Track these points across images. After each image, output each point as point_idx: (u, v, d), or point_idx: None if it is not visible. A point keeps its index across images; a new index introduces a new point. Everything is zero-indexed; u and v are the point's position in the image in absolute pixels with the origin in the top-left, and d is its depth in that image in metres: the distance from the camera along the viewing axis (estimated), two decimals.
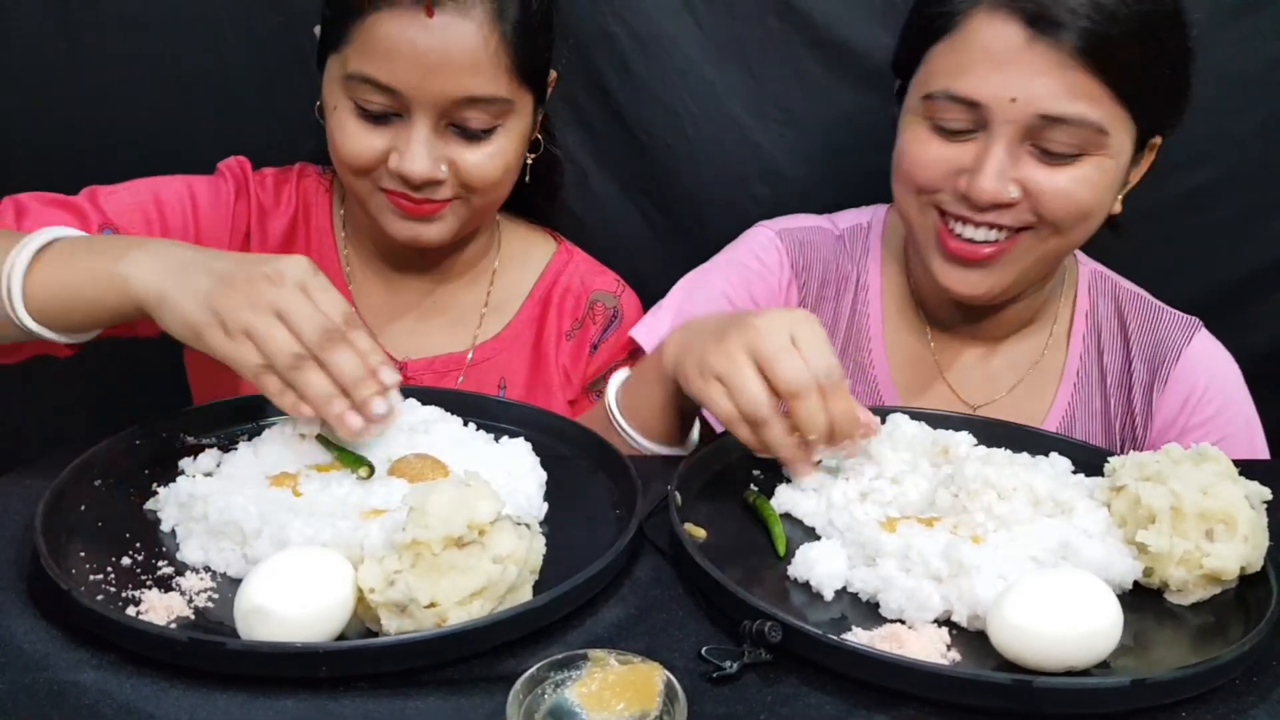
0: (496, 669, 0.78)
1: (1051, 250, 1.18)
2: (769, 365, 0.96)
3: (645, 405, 1.12)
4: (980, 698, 0.76)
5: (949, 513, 0.94)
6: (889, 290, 1.34)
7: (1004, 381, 1.33)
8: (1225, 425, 1.31)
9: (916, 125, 1.18)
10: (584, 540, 0.94)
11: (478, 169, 1.21)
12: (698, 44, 1.50)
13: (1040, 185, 1.12)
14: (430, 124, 1.17)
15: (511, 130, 1.22)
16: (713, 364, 0.98)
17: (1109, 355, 1.33)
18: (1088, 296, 1.35)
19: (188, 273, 0.95)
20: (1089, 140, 1.11)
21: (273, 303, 0.92)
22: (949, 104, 1.13)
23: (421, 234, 1.24)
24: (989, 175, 1.11)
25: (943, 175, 1.15)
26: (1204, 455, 0.93)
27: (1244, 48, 1.44)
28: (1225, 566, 0.87)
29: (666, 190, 1.56)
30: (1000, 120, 1.10)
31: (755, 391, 0.96)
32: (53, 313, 1.00)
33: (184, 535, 0.90)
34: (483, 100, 1.17)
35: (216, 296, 0.93)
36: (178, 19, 1.46)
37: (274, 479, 0.96)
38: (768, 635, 0.78)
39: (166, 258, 0.97)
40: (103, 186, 1.23)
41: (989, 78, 1.10)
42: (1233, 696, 0.80)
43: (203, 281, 0.94)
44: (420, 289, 1.38)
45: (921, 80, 1.17)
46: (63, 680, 0.75)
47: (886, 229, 1.37)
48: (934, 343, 1.33)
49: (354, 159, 1.20)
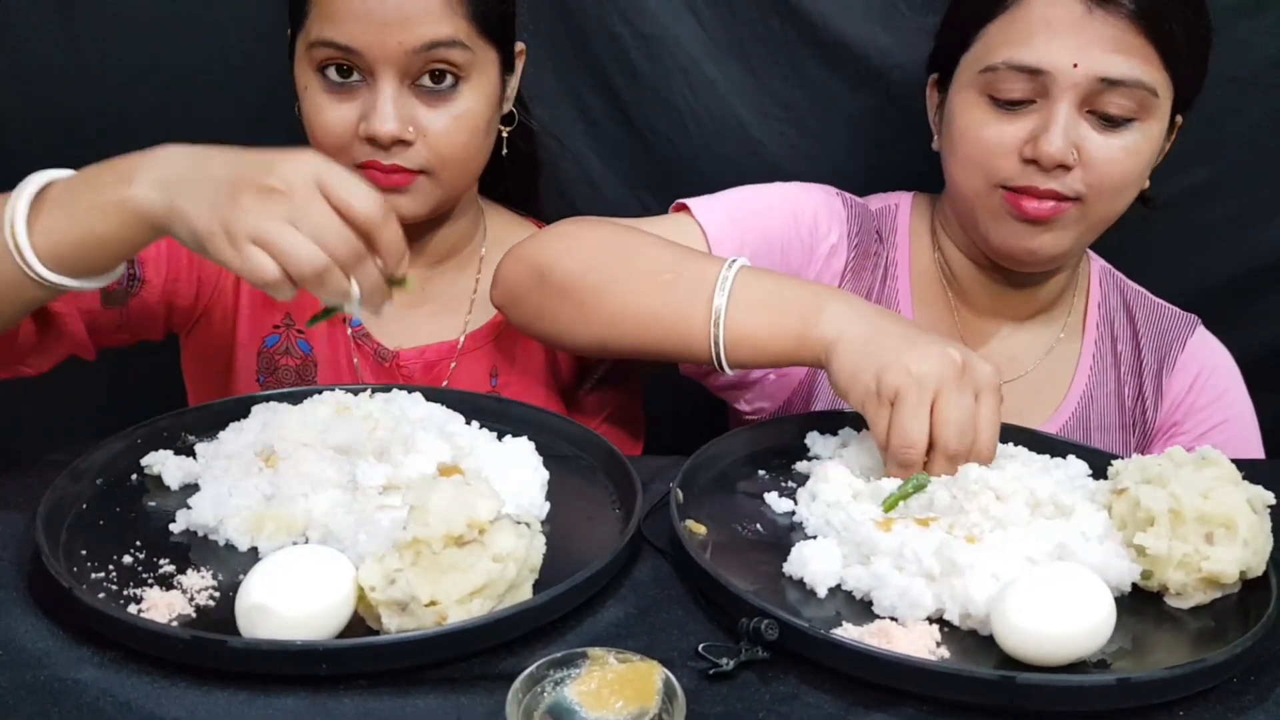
0: (496, 667, 0.79)
1: (1097, 219, 1.23)
2: (940, 425, 0.96)
3: (761, 356, 1.10)
4: (965, 693, 0.76)
5: (946, 513, 0.94)
6: (917, 268, 1.38)
7: (1025, 361, 1.37)
8: (1229, 406, 1.38)
9: (973, 105, 1.22)
10: (584, 539, 0.94)
11: (445, 132, 1.20)
12: (700, 43, 1.50)
13: (1094, 152, 1.17)
14: (394, 82, 1.17)
15: (476, 88, 1.22)
16: (895, 382, 0.97)
17: (1121, 343, 1.39)
18: (1099, 289, 1.41)
19: (192, 182, 0.90)
20: (1142, 103, 1.17)
21: (285, 210, 0.86)
22: (1010, 74, 1.18)
23: (396, 206, 1.22)
24: (1055, 136, 1.16)
25: (1006, 148, 1.20)
26: (1206, 459, 0.93)
27: (1244, 48, 1.44)
28: (1224, 570, 0.87)
29: (669, 187, 1.55)
30: (1063, 86, 1.16)
31: (918, 437, 0.96)
32: (68, 259, 0.95)
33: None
34: (440, 45, 1.17)
35: (221, 204, 0.87)
36: (178, 19, 1.46)
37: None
38: (764, 633, 0.78)
39: (168, 167, 0.92)
40: None
41: (1050, 45, 1.16)
42: (1231, 696, 0.80)
43: (207, 189, 0.89)
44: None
45: (977, 56, 1.22)
46: (64, 678, 0.76)
47: (914, 211, 1.41)
48: (960, 320, 1.37)
49: (326, 133, 1.20)
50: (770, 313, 1.07)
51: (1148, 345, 1.38)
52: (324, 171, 0.88)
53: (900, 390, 0.96)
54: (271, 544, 0.90)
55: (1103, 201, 1.20)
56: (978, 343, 1.37)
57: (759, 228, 1.27)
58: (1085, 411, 1.36)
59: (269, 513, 0.92)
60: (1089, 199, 1.19)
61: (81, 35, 1.45)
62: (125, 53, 1.47)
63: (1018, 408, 1.33)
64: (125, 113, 1.48)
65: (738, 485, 1.05)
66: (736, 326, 1.08)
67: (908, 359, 0.97)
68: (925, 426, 0.96)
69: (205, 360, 1.33)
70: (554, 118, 1.54)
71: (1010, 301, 1.36)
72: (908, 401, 0.96)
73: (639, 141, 1.56)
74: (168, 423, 1.07)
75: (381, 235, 0.89)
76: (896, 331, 1.02)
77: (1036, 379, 1.37)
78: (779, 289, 1.09)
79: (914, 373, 0.96)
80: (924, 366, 0.96)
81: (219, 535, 0.91)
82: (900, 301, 1.36)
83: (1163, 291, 1.45)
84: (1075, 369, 1.38)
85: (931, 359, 0.97)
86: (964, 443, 0.96)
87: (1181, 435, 1.37)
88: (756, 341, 1.08)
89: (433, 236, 1.35)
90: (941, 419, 0.96)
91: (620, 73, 1.52)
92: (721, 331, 1.08)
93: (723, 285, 1.08)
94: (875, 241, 1.37)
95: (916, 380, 0.96)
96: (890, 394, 0.97)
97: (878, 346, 1.00)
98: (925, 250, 1.39)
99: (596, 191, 1.58)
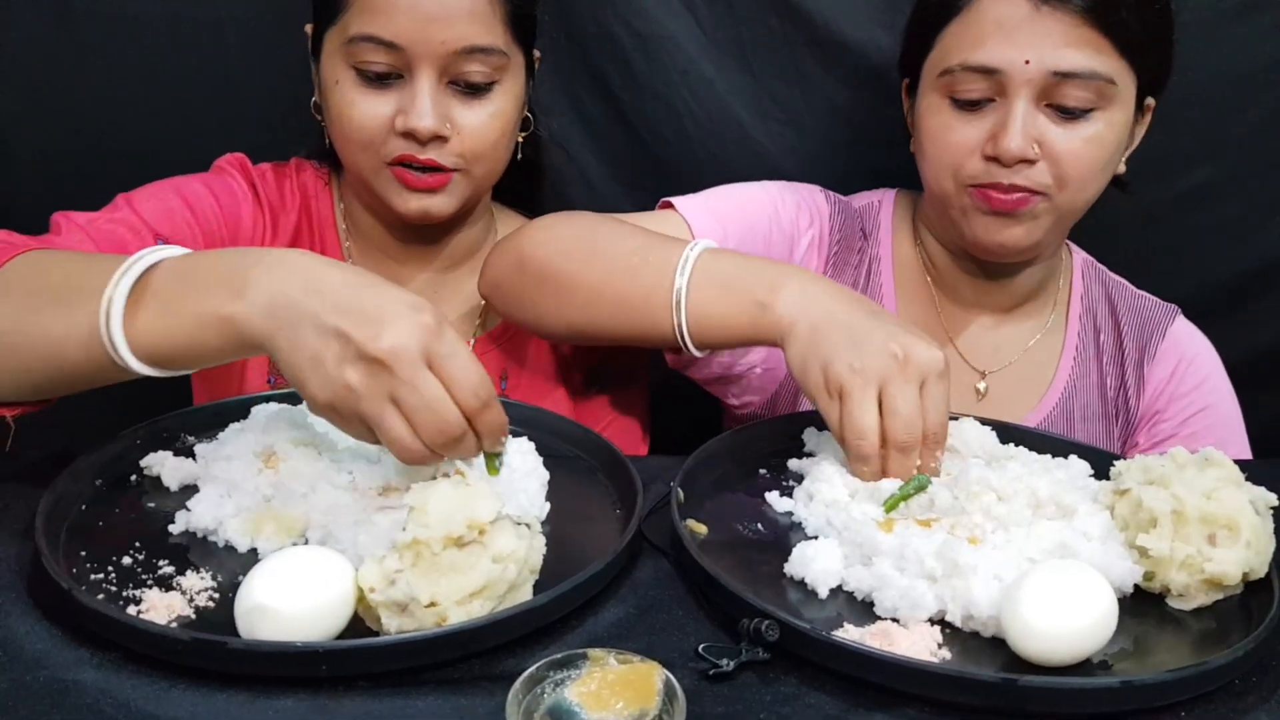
0: (496, 668, 0.79)
1: (1067, 209, 1.25)
2: (886, 417, 0.97)
3: (722, 335, 1.11)
4: (967, 695, 0.76)
5: (948, 513, 0.94)
6: (899, 263, 1.40)
7: (1009, 352, 1.39)
8: (1210, 393, 1.39)
9: (936, 108, 1.25)
10: (584, 540, 0.94)
11: (480, 128, 1.21)
12: (698, 44, 1.50)
13: (1057, 145, 1.19)
14: (433, 79, 1.18)
15: (508, 90, 1.23)
16: (839, 378, 0.98)
17: (1104, 334, 1.41)
18: (1081, 281, 1.43)
19: (297, 323, 0.84)
20: (1100, 92, 1.18)
21: (390, 388, 0.83)
22: (967, 75, 1.20)
23: (430, 206, 1.24)
24: (1014, 133, 1.18)
25: (970, 148, 1.22)
26: (1209, 460, 0.93)
27: (1244, 48, 1.45)
28: (1227, 571, 0.87)
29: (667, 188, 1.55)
30: (1017, 82, 1.18)
31: (868, 430, 0.97)
32: (161, 357, 0.89)
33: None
34: (481, 50, 1.18)
35: (325, 368, 0.83)
36: (178, 19, 1.46)
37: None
38: (765, 633, 0.78)
39: (278, 293, 0.85)
40: (131, 193, 1.22)
41: (1002, 45, 1.18)
42: (1233, 697, 0.80)
43: (309, 336, 0.83)
44: (422, 280, 1.37)
45: (936, 60, 1.24)
46: (63, 679, 0.75)
47: (896, 208, 1.43)
48: (942, 313, 1.39)
49: (361, 127, 1.20)
50: (728, 292, 1.08)
51: (1129, 335, 1.40)
52: (433, 343, 0.84)
53: (844, 386, 0.98)
54: (271, 545, 0.90)
55: (1069, 192, 1.22)
56: (961, 335, 1.38)
57: (741, 221, 1.29)
58: (1069, 401, 1.38)
59: (269, 513, 0.92)
60: (1056, 190, 1.22)
61: (81, 38, 1.45)
62: (125, 55, 1.46)
63: (1002, 399, 1.36)
64: (125, 113, 1.48)
65: (738, 485, 1.05)
66: (696, 307, 1.09)
67: (850, 355, 0.98)
68: (873, 419, 0.97)
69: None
70: (551, 118, 1.54)
71: (991, 293, 1.38)
72: (853, 396, 0.98)
73: (637, 142, 1.56)
74: (168, 423, 1.07)
75: (482, 417, 0.86)
76: (844, 321, 1.02)
77: (1020, 370, 1.38)
78: (740, 269, 1.10)
79: (857, 368, 0.98)
80: (865, 361, 0.98)
81: (218, 536, 0.91)
82: (884, 295, 1.38)
83: (1163, 291, 1.45)
84: (1059, 360, 1.40)
85: (872, 354, 0.98)
86: (912, 434, 0.97)
87: (1164, 423, 1.39)
88: (714, 321, 1.09)
89: (450, 240, 1.36)
90: (887, 411, 0.97)
91: (618, 73, 1.52)
92: (683, 313, 1.09)
93: (684, 266, 1.09)
94: (859, 237, 1.39)
95: (859, 375, 0.98)
96: (836, 389, 0.99)
97: (824, 338, 1.01)
98: (908, 245, 1.41)
99: (594, 193, 1.58)
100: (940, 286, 1.39)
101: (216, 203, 1.26)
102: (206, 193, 1.26)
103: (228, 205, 1.27)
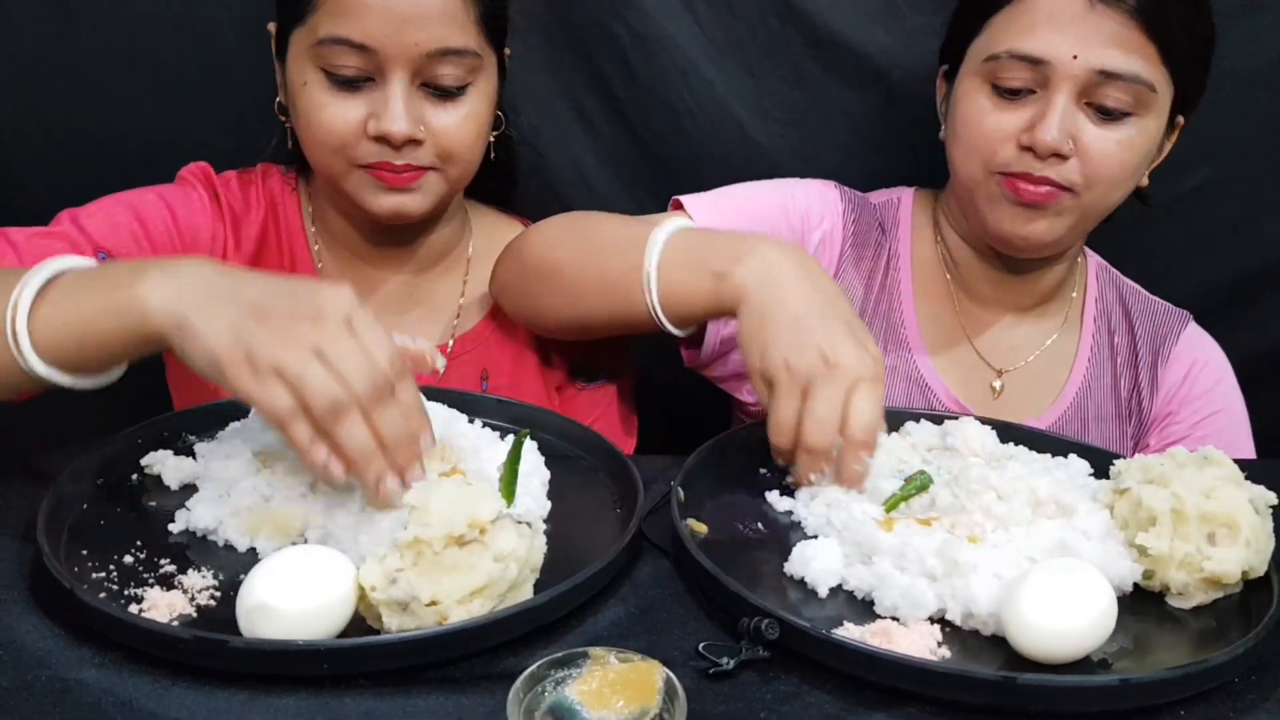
0: (497, 667, 0.79)
1: (1092, 209, 1.26)
2: (803, 416, 0.97)
3: (691, 310, 1.12)
4: (967, 693, 0.76)
5: (948, 512, 0.94)
6: (918, 259, 1.41)
7: (1026, 351, 1.40)
8: (1222, 398, 1.41)
9: (976, 92, 1.25)
10: (584, 539, 0.94)
11: (454, 130, 1.20)
12: (698, 44, 1.50)
13: (1090, 144, 1.20)
14: (405, 82, 1.17)
15: (481, 91, 1.22)
16: (771, 370, 0.99)
17: (1118, 336, 1.42)
18: (1096, 284, 1.44)
19: (213, 300, 0.85)
20: (1139, 98, 1.19)
21: (313, 341, 0.83)
22: (1012, 63, 1.21)
23: (404, 205, 1.22)
24: (1051, 125, 1.19)
25: (1005, 136, 1.23)
26: (1209, 459, 0.94)
27: (1244, 48, 1.44)
28: (1226, 570, 0.87)
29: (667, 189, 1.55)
30: (1061, 76, 1.19)
31: (785, 426, 0.98)
32: (64, 351, 0.90)
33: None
34: (455, 52, 1.17)
35: (245, 329, 0.83)
36: (178, 19, 1.46)
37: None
38: (765, 632, 0.78)
39: (190, 280, 0.87)
40: (77, 209, 1.20)
41: (1052, 37, 1.19)
42: (1233, 696, 0.80)
43: (230, 311, 0.84)
44: (395, 282, 1.36)
45: (982, 46, 1.25)
46: (65, 678, 0.76)
47: (915, 205, 1.43)
48: (961, 310, 1.40)
49: (331, 131, 1.18)
50: (694, 266, 1.09)
51: (1143, 338, 1.41)
52: (354, 312, 0.85)
53: (774, 379, 0.99)
54: (271, 544, 0.90)
55: (1097, 192, 1.23)
56: (979, 333, 1.39)
57: (749, 217, 1.29)
58: (1083, 402, 1.39)
59: (268, 513, 0.92)
60: (1083, 189, 1.22)
61: (81, 38, 1.45)
62: (125, 55, 1.46)
63: (1018, 397, 1.37)
64: (125, 113, 1.48)
65: (738, 484, 1.05)
66: (666, 284, 1.10)
67: (787, 349, 0.99)
68: (791, 417, 0.97)
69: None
70: (550, 119, 1.54)
71: (1010, 291, 1.38)
72: (779, 391, 0.98)
73: (636, 143, 1.56)
74: (168, 423, 1.07)
75: (397, 388, 0.86)
76: (792, 312, 1.01)
77: (1036, 369, 1.39)
78: (707, 242, 1.11)
79: (789, 364, 0.98)
80: (797, 358, 0.98)
81: (218, 535, 0.91)
82: (902, 291, 1.38)
83: (1163, 291, 1.45)
84: (1074, 360, 1.40)
85: (806, 353, 0.98)
86: (823, 439, 0.96)
87: (1176, 425, 1.39)
88: (681, 296, 1.10)
89: (423, 241, 1.35)
90: (805, 411, 0.97)
91: (617, 74, 1.51)
92: (655, 293, 1.10)
93: (653, 246, 1.10)
94: (877, 232, 1.39)
95: (788, 371, 0.98)
96: (768, 379, 1.00)
97: (769, 324, 1.01)
98: (927, 241, 1.41)
99: (594, 193, 1.57)
100: (959, 284, 1.40)
101: (170, 215, 1.24)
102: (161, 204, 1.24)
103: (184, 217, 1.25)
